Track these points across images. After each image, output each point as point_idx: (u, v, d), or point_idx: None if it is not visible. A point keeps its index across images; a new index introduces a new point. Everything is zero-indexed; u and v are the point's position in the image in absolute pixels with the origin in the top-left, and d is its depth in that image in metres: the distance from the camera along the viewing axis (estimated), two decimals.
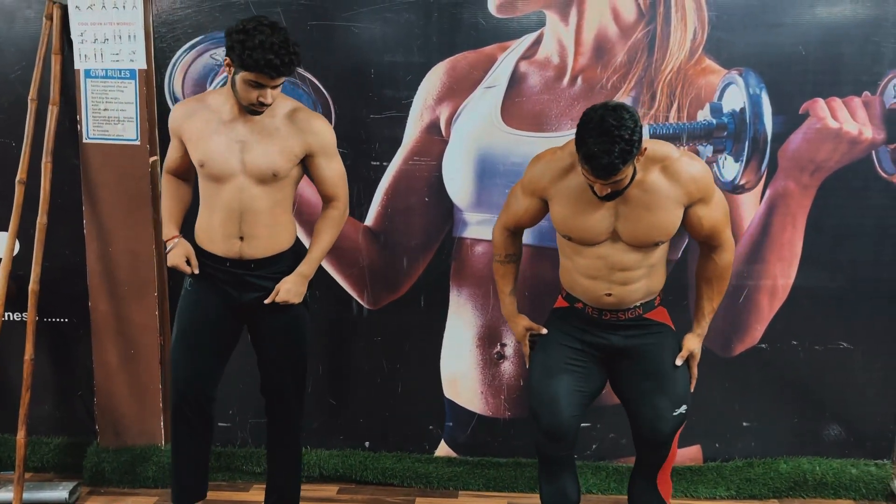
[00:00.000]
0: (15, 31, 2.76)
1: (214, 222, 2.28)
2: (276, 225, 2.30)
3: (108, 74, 2.70)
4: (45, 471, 2.97)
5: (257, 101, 2.12)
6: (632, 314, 2.23)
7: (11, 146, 2.80)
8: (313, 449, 2.96)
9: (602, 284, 2.18)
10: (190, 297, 2.37)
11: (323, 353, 2.92)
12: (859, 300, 2.79)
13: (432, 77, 2.71)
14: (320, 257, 2.38)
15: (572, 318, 2.29)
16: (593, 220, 2.12)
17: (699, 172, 2.11)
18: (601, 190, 2.02)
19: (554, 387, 2.20)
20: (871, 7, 2.60)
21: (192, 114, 2.27)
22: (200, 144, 2.24)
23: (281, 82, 2.13)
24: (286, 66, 2.07)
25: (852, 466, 2.85)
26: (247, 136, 2.21)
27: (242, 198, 2.24)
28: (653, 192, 2.09)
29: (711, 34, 2.63)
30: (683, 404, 2.19)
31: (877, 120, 2.67)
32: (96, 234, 2.78)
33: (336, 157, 2.34)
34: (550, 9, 2.66)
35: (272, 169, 2.22)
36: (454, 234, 2.81)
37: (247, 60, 2.04)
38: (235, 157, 2.21)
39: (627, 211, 2.10)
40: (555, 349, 2.27)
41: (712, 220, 2.15)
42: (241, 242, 2.27)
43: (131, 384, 2.87)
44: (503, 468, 2.91)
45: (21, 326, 2.79)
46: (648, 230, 2.11)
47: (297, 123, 2.25)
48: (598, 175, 1.95)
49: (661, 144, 2.14)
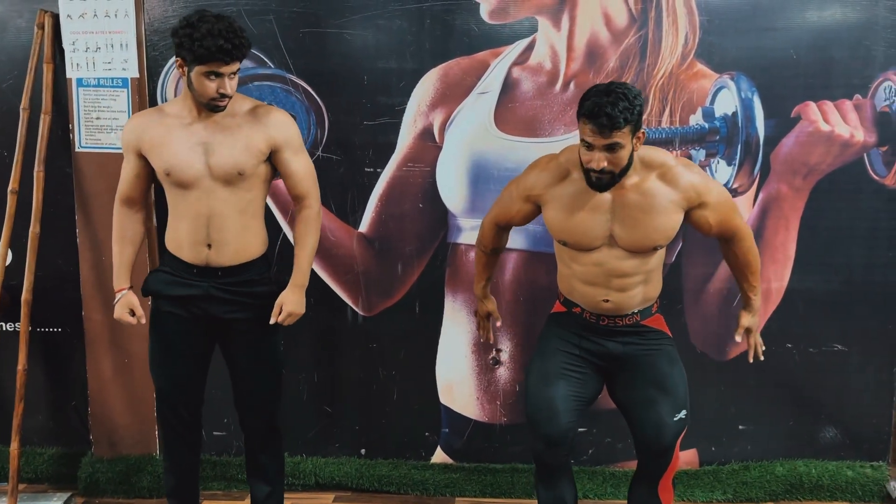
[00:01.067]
0: (6, 40, 2.75)
1: (182, 230, 2.23)
2: (245, 230, 2.24)
3: (100, 83, 2.70)
4: (40, 482, 2.96)
5: (217, 93, 2.08)
6: (629, 320, 2.22)
7: (3, 155, 2.79)
8: (308, 457, 2.95)
9: (600, 291, 2.18)
10: (155, 316, 2.33)
11: (318, 361, 2.92)
12: (853, 302, 2.80)
13: (425, 83, 2.71)
14: (309, 263, 2.31)
15: (570, 324, 2.28)
16: (589, 224, 2.12)
17: (697, 179, 2.12)
18: (598, 160, 1.97)
19: (551, 393, 2.19)
20: (861, 11, 2.62)
21: (149, 124, 2.21)
22: (163, 152, 2.18)
23: (236, 69, 2.10)
24: (238, 49, 2.05)
25: (848, 469, 2.85)
26: (209, 137, 2.17)
27: (209, 202, 2.18)
28: (651, 195, 2.09)
29: (703, 39, 2.64)
30: (683, 409, 2.19)
31: (868, 123, 2.68)
32: (89, 243, 2.77)
33: (303, 152, 2.28)
34: (542, 15, 2.66)
35: (237, 167, 2.17)
36: (448, 239, 2.81)
37: (198, 51, 2.02)
38: (199, 159, 2.17)
39: (625, 215, 2.10)
40: (552, 355, 2.26)
41: (718, 218, 2.15)
42: (208, 250, 2.22)
43: (125, 394, 2.86)
44: (500, 474, 2.90)
45: (14, 336, 2.78)
46: (647, 234, 2.11)
47: (259, 118, 2.20)
48: (598, 126, 1.93)
49: (656, 151, 2.15)
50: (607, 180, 2.04)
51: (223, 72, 2.07)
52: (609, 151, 1.98)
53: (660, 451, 2.20)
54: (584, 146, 2.01)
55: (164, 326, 2.31)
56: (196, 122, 2.18)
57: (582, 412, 2.25)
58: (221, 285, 2.25)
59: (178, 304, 2.27)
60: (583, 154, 2.03)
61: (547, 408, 2.18)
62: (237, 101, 2.22)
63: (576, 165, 2.14)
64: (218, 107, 2.14)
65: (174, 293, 2.26)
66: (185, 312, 2.27)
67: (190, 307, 2.27)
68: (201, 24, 2.03)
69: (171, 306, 2.28)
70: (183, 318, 2.28)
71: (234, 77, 2.12)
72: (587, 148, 2.01)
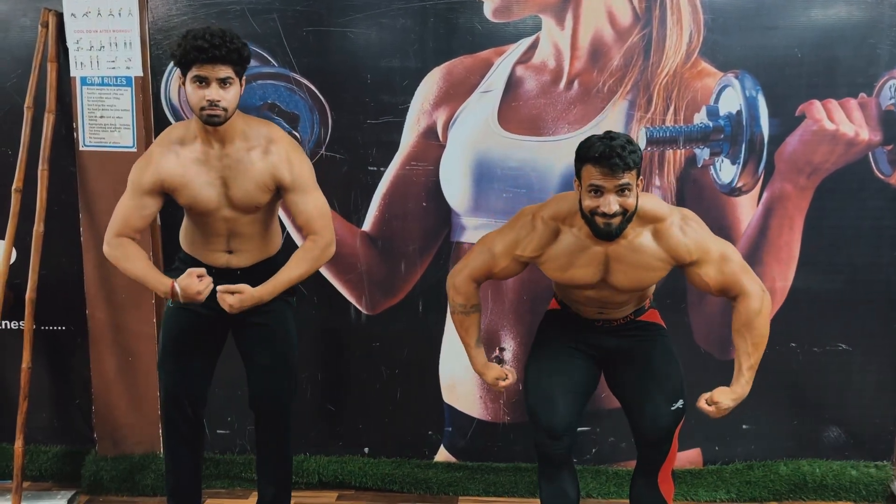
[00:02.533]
0: (10, 38, 2.75)
1: (200, 240, 2.26)
2: (264, 236, 2.29)
3: (104, 82, 2.70)
4: (43, 479, 2.96)
5: (205, 100, 2.03)
6: (623, 320, 2.26)
7: (7, 154, 2.79)
8: (312, 455, 2.95)
9: (594, 310, 2.24)
10: (172, 314, 2.33)
11: (321, 359, 2.92)
12: (857, 302, 2.79)
13: (429, 82, 2.71)
14: (283, 286, 2.22)
15: (566, 320, 2.31)
16: (584, 274, 2.12)
17: (690, 239, 2.07)
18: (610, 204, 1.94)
19: (551, 386, 2.21)
20: (866, 9, 2.61)
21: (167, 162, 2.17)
22: (186, 189, 2.17)
23: (225, 75, 2.03)
24: (215, 49, 1.99)
25: (852, 468, 2.84)
26: (225, 171, 2.16)
27: (229, 225, 2.23)
28: (640, 251, 2.08)
29: (707, 37, 2.64)
30: (680, 399, 2.20)
31: (873, 121, 2.67)
32: (93, 241, 2.78)
33: (313, 192, 2.22)
34: (546, 13, 2.66)
35: (254, 203, 2.20)
36: (452, 238, 2.81)
37: (179, 54, 2.03)
38: (218, 192, 2.18)
39: (616, 267, 2.11)
40: (550, 349, 2.29)
41: (716, 277, 2.09)
42: (229, 255, 2.26)
43: (129, 392, 2.86)
44: (502, 473, 2.90)
45: (18, 335, 2.78)
46: (637, 282, 2.13)
47: (270, 156, 2.17)
48: (611, 167, 1.90)
49: (655, 202, 2.12)
50: (617, 225, 1.99)
51: (206, 75, 2.03)
52: (620, 194, 1.96)
53: (656, 441, 2.21)
54: (592, 192, 1.97)
55: (179, 324, 2.31)
56: (210, 153, 2.15)
57: (582, 404, 2.27)
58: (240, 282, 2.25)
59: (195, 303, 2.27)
60: (590, 201, 1.98)
61: (547, 400, 2.19)
62: (255, 126, 2.19)
63: (565, 219, 2.12)
64: (212, 117, 2.06)
65: None
66: (202, 309, 2.27)
67: (206, 304, 2.25)
68: (191, 32, 2.04)
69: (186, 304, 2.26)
70: (198, 315, 2.29)
71: (228, 87, 2.06)
72: (595, 193, 1.97)
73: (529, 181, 2.73)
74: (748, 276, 2.11)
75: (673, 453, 2.28)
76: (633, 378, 2.24)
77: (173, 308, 2.32)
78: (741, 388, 2.13)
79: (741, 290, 2.10)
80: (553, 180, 2.73)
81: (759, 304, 2.09)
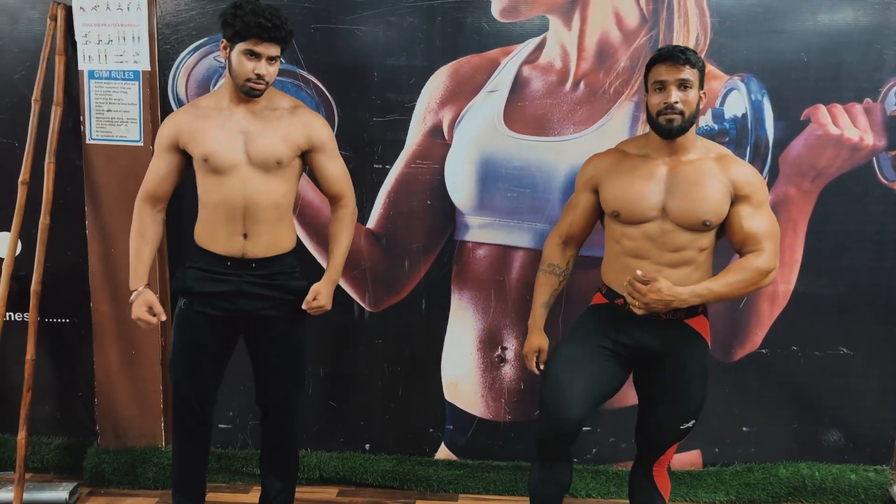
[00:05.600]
0: (19, 31, 2.76)
1: (217, 219, 2.26)
2: (278, 223, 2.29)
3: (111, 76, 2.71)
4: (46, 471, 2.98)
5: (254, 73, 2.13)
6: (673, 316, 2.16)
7: (14, 147, 2.80)
8: (313, 451, 2.96)
9: (650, 266, 2.12)
10: (184, 315, 2.33)
11: (324, 356, 2.93)
12: (859, 306, 2.80)
13: (435, 81, 2.72)
14: (343, 260, 2.38)
15: (609, 317, 2.22)
16: (644, 191, 2.12)
17: (752, 172, 2.14)
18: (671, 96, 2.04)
19: (571, 382, 2.15)
20: (872, 14, 2.62)
21: (186, 119, 2.25)
22: (202, 139, 2.22)
23: (274, 53, 2.15)
24: (276, 29, 2.11)
25: (851, 472, 2.85)
26: (249, 126, 2.22)
27: (246, 191, 2.22)
28: (703, 171, 2.11)
29: (714, 40, 2.64)
30: (692, 420, 2.19)
31: (878, 126, 2.68)
32: (98, 235, 2.79)
33: (338, 157, 2.35)
34: (553, 13, 2.67)
35: (276, 156, 2.22)
36: (456, 237, 2.82)
37: (238, 25, 2.10)
38: (239, 147, 2.21)
39: (677, 186, 2.10)
40: (581, 344, 2.22)
41: (749, 222, 2.09)
42: (244, 240, 2.25)
43: (132, 385, 2.87)
44: (503, 471, 2.91)
45: (23, 327, 2.79)
46: (696, 204, 2.08)
47: (299, 117, 2.27)
48: (674, 60, 2.05)
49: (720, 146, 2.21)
50: (678, 123, 2.06)
51: (260, 51, 2.12)
52: (681, 89, 2.06)
53: (656, 446, 2.24)
54: (657, 89, 2.09)
55: (193, 325, 2.31)
56: (235, 111, 2.23)
57: (596, 405, 2.20)
58: (255, 279, 2.27)
59: (209, 302, 2.28)
60: (654, 98, 2.09)
61: (563, 396, 2.13)
62: (278, 96, 2.29)
63: (629, 144, 2.25)
64: (254, 90, 2.16)
65: (207, 289, 2.27)
66: (216, 310, 2.28)
67: (221, 304, 2.28)
68: (247, 5, 2.12)
69: (201, 305, 2.29)
70: (213, 316, 2.29)
71: (274, 64, 2.17)
72: (660, 89, 2.08)
73: (534, 181, 2.74)
74: (773, 244, 2.10)
75: (669, 452, 2.29)
76: (657, 385, 2.20)
77: (185, 309, 2.32)
78: (689, 291, 2.04)
79: (760, 248, 2.09)
80: (558, 180, 2.73)
81: (765, 267, 2.07)
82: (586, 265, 2.76)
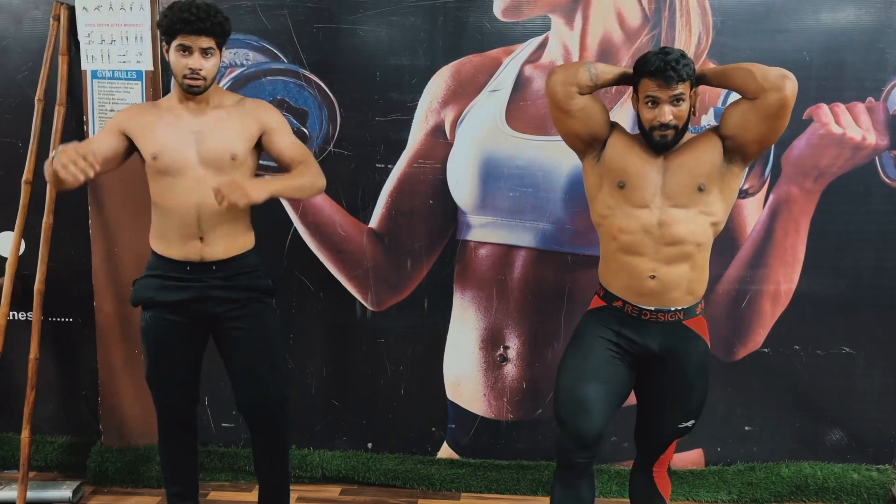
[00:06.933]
0: (22, 31, 2.77)
1: (171, 224, 2.20)
2: (235, 222, 2.23)
3: (114, 76, 2.72)
4: (49, 470, 2.99)
5: (187, 68, 2.12)
6: (672, 317, 2.15)
7: (18, 146, 2.81)
8: (316, 450, 2.97)
9: (646, 263, 2.11)
10: (150, 326, 2.27)
11: (326, 355, 2.93)
12: (862, 305, 2.79)
13: (437, 80, 2.72)
14: (287, 189, 2.16)
15: (608, 319, 2.20)
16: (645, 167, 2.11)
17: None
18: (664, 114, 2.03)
19: (586, 393, 2.12)
20: (875, 13, 2.61)
21: (143, 111, 2.24)
22: (152, 136, 2.18)
23: (207, 45, 2.12)
24: (202, 22, 2.09)
25: (854, 471, 2.85)
26: (200, 126, 2.20)
27: (199, 192, 2.16)
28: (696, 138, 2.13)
29: (716, 39, 2.64)
30: (692, 419, 2.19)
31: (880, 126, 2.67)
32: (102, 234, 2.79)
33: (291, 134, 2.29)
34: (555, 13, 2.67)
35: (230, 152, 2.18)
36: (458, 236, 2.82)
37: (165, 24, 2.11)
38: (190, 147, 2.17)
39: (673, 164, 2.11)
40: (588, 352, 2.19)
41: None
42: (201, 243, 2.20)
43: (135, 384, 2.88)
44: (505, 470, 2.91)
45: (26, 326, 2.80)
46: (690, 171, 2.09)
47: (246, 107, 2.26)
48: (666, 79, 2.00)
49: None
50: (671, 137, 2.07)
51: (190, 44, 2.11)
52: (674, 104, 2.05)
53: (654, 448, 2.25)
54: (648, 104, 2.07)
55: (161, 335, 2.26)
56: (184, 112, 2.22)
57: (614, 412, 2.18)
58: (217, 282, 2.22)
59: (173, 310, 2.24)
60: (646, 113, 2.08)
61: (581, 409, 2.11)
62: (223, 95, 2.28)
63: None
64: (192, 86, 2.14)
65: (171, 299, 2.22)
66: (181, 317, 2.24)
67: (186, 311, 2.24)
68: (178, 5, 2.12)
69: (165, 313, 2.24)
70: (178, 323, 2.25)
71: (210, 57, 2.14)
72: (652, 104, 2.06)
73: (536, 180, 2.74)
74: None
75: (669, 452, 2.29)
76: (658, 388, 2.19)
77: (148, 322, 2.27)
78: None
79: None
80: (560, 180, 2.73)
81: (780, 72, 2.05)
82: (587, 265, 2.76)
